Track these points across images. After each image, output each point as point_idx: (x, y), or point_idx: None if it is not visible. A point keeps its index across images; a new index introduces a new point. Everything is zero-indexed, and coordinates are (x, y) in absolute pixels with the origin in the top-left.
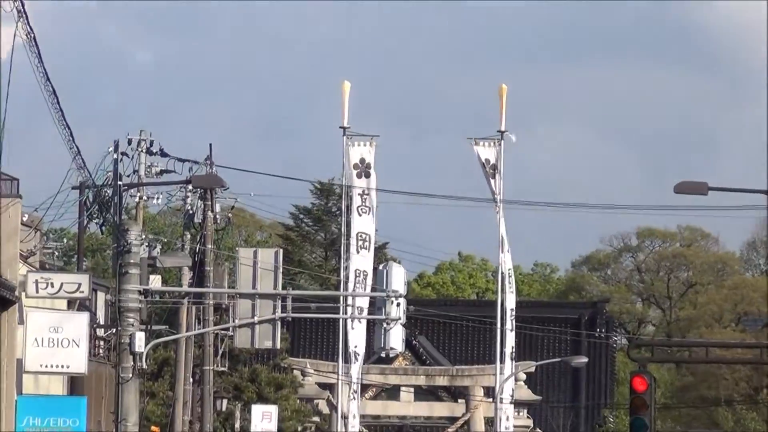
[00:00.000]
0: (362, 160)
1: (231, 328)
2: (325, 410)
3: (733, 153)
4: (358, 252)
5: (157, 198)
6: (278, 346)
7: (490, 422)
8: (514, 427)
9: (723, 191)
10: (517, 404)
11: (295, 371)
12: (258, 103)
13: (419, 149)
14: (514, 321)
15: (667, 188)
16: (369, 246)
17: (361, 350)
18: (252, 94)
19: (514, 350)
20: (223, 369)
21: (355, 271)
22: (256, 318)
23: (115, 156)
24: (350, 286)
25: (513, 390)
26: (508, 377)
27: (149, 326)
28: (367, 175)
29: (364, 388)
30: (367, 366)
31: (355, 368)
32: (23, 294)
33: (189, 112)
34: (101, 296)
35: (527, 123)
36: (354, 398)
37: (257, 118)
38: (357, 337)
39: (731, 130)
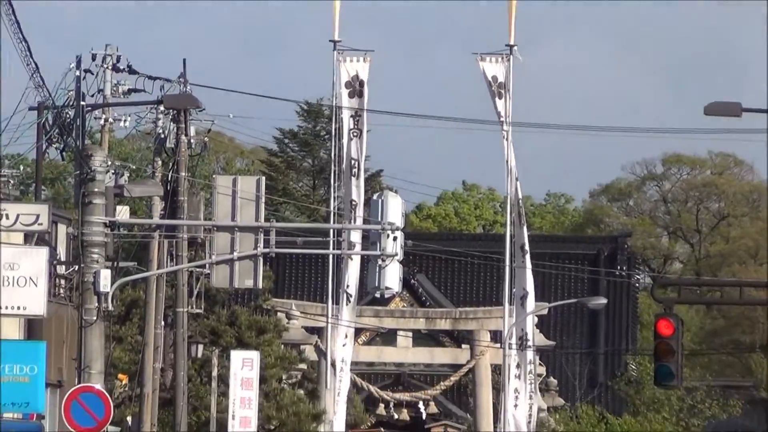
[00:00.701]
0: (355, 77)
1: (207, 266)
2: (313, 357)
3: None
4: (350, 180)
5: (125, 120)
6: (260, 285)
7: (498, 370)
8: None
9: (758, 113)
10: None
11: (279, 314)
12: (237, 14)
13: (417, 67)
14: (528, 257)
15: (695, 111)
16: (359, 173)
17: (354, 290)
18: (230, 4)
19: (527, 290)
20: (198, 311)
21: (351, 202)
22: (235, 254)
23: (77, 73)
24: (341, 218)
25: (523, 334)
26: (519, 320)
27: (116, 263)
28: (360, 95)
29: (357, 332)
30: (360, 308)
31: (348, 310)
32: None
33: (161, 25)
34: (62, 229)
35: (539, 38)
36: (346, 344)
37: (237, 31)
38: (350, 275)
39: (762, 50)
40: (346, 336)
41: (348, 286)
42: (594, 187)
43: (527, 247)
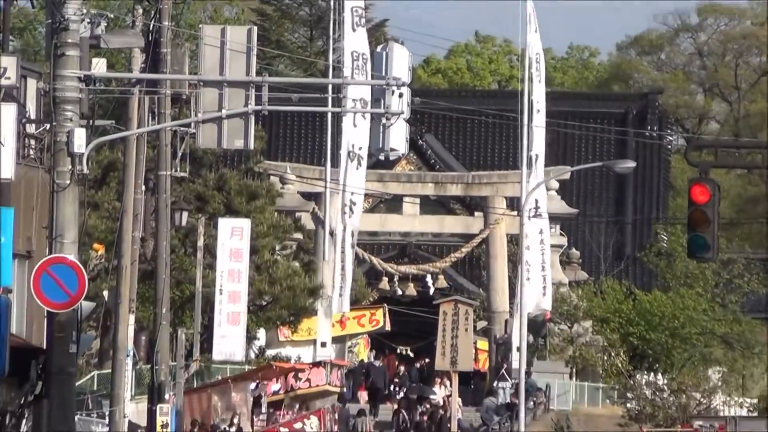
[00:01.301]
0: None
1: (193, 124)
2: (310, 225)
3: None
4: (354, 30)
5: None
6: (251, 146)
7: (514, 240)
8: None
9: None
10: (549, 219)
11: (272, 178)
12: None
13: None
14: (541, 116)
15: None
16: (361, 23)
17: (363, 152)
18: None
19: (536, 153)
20: (183, 174)
21: (352, 54)
22: (223, 111)
23: None
24: (341, 72)
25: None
26: (538, 185)
27: (91, 121)
28: None
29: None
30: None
31: (358, 175)
32: None
33: None
34: (32, 84)
35: None
36: (352, 213)
37: None
38: (357, 135)
39: None
40: (353, 204)
41: (353, 145)
42: (622, 39)
43: (540, 105)
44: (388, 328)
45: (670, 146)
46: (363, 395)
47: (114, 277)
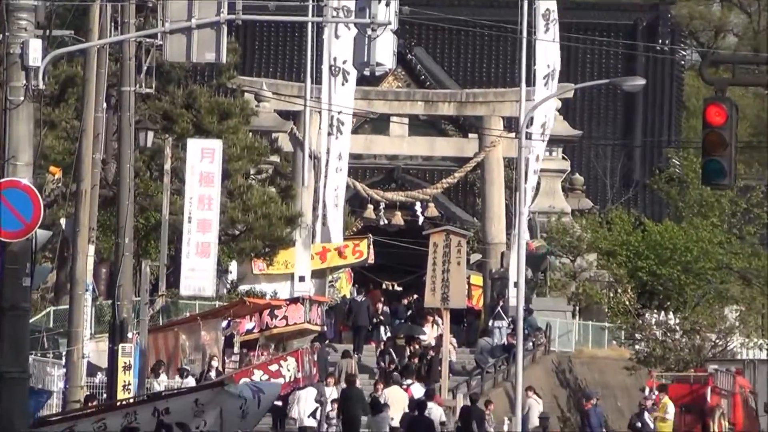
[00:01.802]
0: None
1: (159, 35)
2: (288, 147)
3: None
4: None
5: None
6: (223, 60)
7: (511, 164)
8: (544, 171)
9: None
10: (550, 141)
11: (246, 95)
12: None
13: None
14: (556, 27)
15: None
16: None
17: (348, 66)
18: None
19: (553, 67)
20: (148, 90)
21: None
22: (193, 21)
23: None
24: None
25: (546, 120)
26: (538, 104)
27: (48, 32)
28: None
29: (341, 119)
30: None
31: (345, 91)
32: None
33: None
34: None
35: None
36: (335, 132)
37: None
38: (339, 47)
39: None
40: (341, 124)
41: (335, 59)
42: None
43: (555, 14)
44: (372, 260)
45: (683, 62)
46: (347, 335)
47: (72, 203)
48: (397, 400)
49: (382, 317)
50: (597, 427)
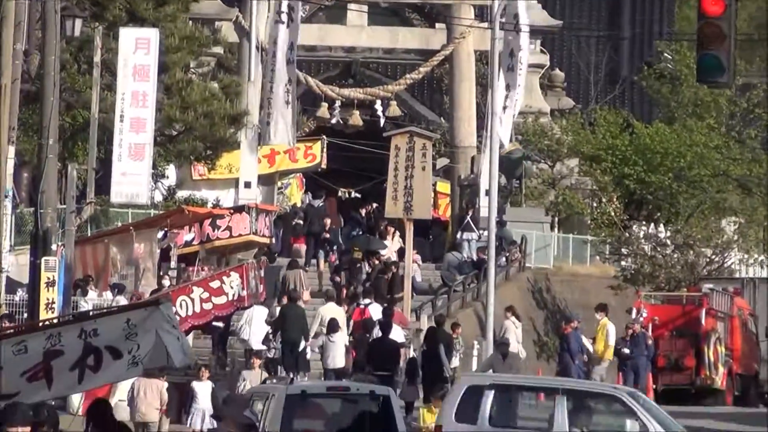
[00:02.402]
0: None
1: None
2: (232, 37)
3: None
4: None
5: None
6: None
7: (483, 57)
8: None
9: None
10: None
11: None
12: None
13: None
14: None
15: None
16: None
17: None
18: None
19: None
20: None
21: None
22: None
23: None
24: None
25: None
26: None
27: None
28: None
29: (293, 5)
30: None
31: None
32: None
33: None
34: None
35: None
36: (285, 20)
37: None
38: None
39: None
40: (292, 10)
41: None
42: None
43: None
44: (326, 165)
45: None
46: (300, 248)
47: None
48: (332, 318)
49: (328, 234)
50: (577, 353)
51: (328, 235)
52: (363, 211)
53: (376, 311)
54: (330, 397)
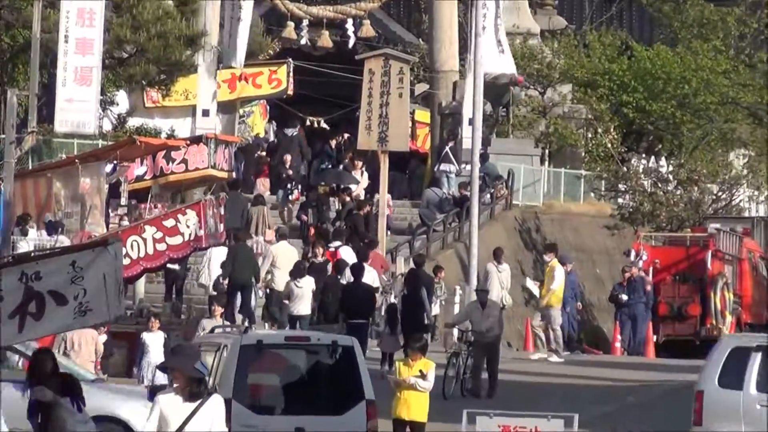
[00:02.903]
0: None
1: None
2: None
3: None
4: None
5: None
6: None
7: None
8: None
9: None
10: None
11: None
12: None
13: None
14: None
15: None
16: None
17: None
18: None
19: None
20: None
21: None
22: None
23: None
24: None
25: None
26: None
27: None
28: None
29: None
30: None
31: None
32: None
33: None
34: None
35: None
36: None
37: None
38: None
39: None
40: None
41: None
42: None
43: None
44: (292, 91)
45: None
46: (263, 182)
47: None
48: (286, 259)
49: (290, 171)
50: (570, 300)
51: (290, 171)
52: (333, 143)
53: (349, 254)
54: (289, 348)
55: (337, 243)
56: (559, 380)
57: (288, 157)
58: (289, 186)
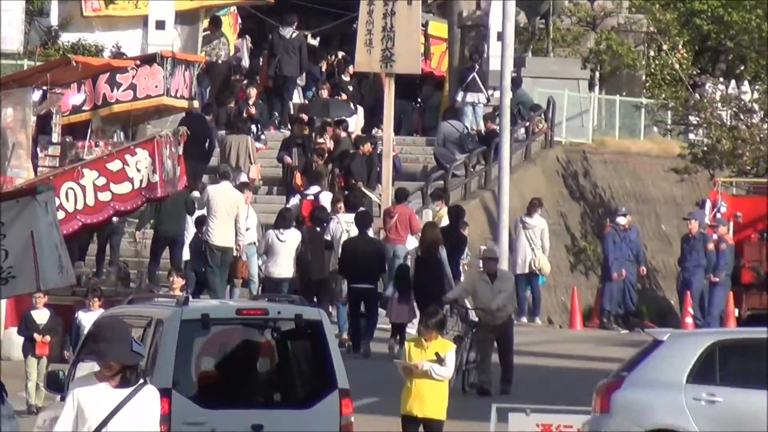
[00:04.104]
0: None
1: None
2: None
3: None
4: None
5: None
6: None
7: None
8: None
9: None
10: None
11: None
12: None
13: None
14: None
15: None
16: None
17: None
18: None
19: None
20: None
21: None
22: None
23: None
24: None
25: None
26: None
27: None
28: None
29: None
30: None
31: None
32: None
33: None
34: None
35: None
36: None
37: None
38: None
39: None
40: None
41: None
42: None
43: None
44: None
45: None
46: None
47: None
48: (225, 205)
49: (253, 109)
50: (627, 263)
51: (253, 109)
52: (324, 64)
53: (327, 201)
54: (242, 324)
55: (315, 188)
56: (599, 364)
57: (252, 91)
58: (254, 128)
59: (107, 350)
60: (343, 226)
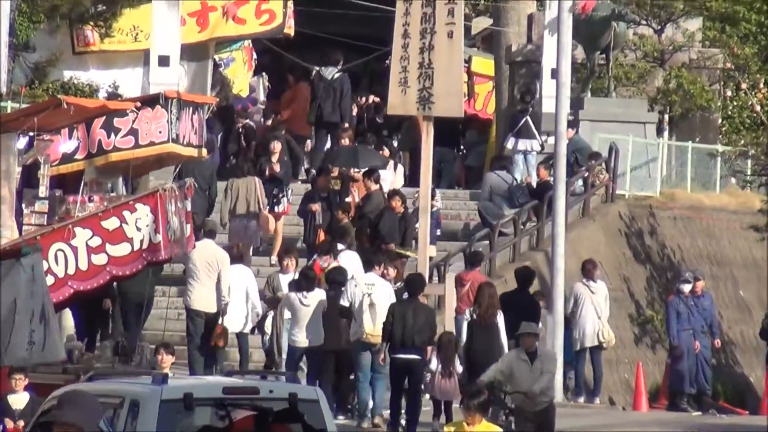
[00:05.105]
0: None
1: None
2: None
3: None
4: None
5: None
6: None
7: None
8: None
9: None
10: None
11: None
12: None
13: None
14: None
15: None
16: None
17: None
18: None
19: None
20: None
21: None
22: None
23: None
24: None
25: None
26: None
27: None
28: None
29: None
30: None
31: None
32: None
33: None
34: None
35: None
36: None
37: None
38: None
39: None
40: None
41: None
42: None
43: None
44: (292, 29)
45: None
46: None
47: None
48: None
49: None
50: (701, 334)
51: (277, 168)
52: (354, 108)
53: (352, 262)
54: (229, 405)
55: (341, 246)
56: None
57: (276, 145)
58: (275, 191)
59: (71, 416)
60: (363, 289)
